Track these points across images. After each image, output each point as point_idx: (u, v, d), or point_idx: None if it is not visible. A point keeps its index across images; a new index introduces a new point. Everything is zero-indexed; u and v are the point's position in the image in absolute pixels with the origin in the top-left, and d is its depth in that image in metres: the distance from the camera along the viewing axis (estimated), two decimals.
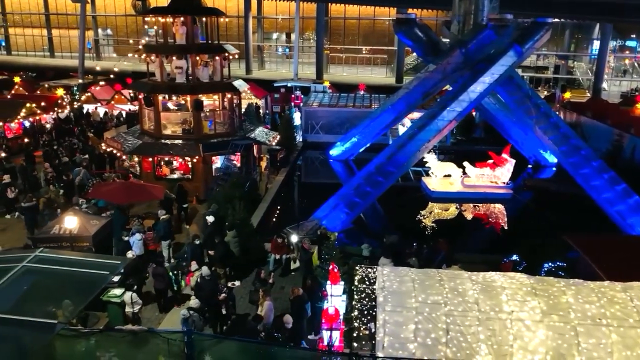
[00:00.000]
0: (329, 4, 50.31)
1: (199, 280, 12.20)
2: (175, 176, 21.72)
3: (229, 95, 22.44)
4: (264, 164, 24.70)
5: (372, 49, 54.52)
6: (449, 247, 15.20)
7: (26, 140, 25.05)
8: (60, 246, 12.64)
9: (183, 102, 23.09)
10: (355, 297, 10.86)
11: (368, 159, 28.39)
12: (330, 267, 11.72)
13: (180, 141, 21.57)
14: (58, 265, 8.97)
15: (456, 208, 22.33)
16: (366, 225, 20.44)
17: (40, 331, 7.15)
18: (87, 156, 23.35)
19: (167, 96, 22.31)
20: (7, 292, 8.09)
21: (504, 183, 22.46)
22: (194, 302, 11.20)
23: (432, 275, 11.08)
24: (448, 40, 26.31)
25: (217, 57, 22.06)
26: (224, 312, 11.77)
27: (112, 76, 37.53)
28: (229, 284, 12.62)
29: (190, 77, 21.82)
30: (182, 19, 21.28)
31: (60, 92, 32.49)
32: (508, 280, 10.82)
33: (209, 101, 22.54)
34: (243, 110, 27.21)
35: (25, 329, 7.21)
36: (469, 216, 22.08)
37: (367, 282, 11.52)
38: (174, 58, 21.48)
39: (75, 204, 17.17)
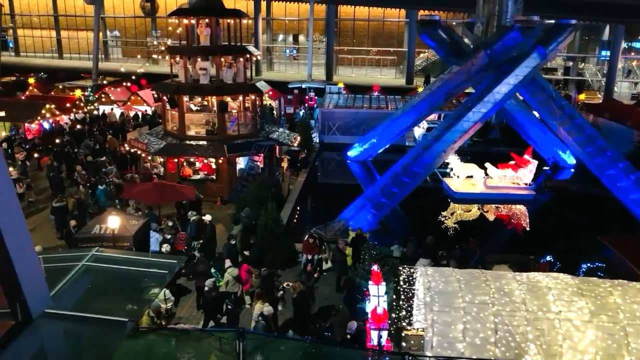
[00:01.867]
0: (338, 5, 50.46)
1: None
2: (198, 177, 21.85)
3: (252, 97, 22.56)
4: (284, 164, 24.79)
5: (381, 50, 54.64)
6: (480, 248, 15.30)
7: (57, 140, 25.16)
8: (101, 246, 12.70)
9: (205, 103, 23.23)
10: (402, 297, 10.97)
11: (385, 160, 28.71)
12: (373, 267, 11.79)
13: (204, 142, 21.68)
14: (116, 264, 9.05)
15: (478, 209, 22.41)
16: (389, 227, 20.53)
17: (113, 329, 7.24)
18: (104, 158, 23.46)
19: (190, 97, 22.42)
20: (72, 291, 8.18)
21: (525, 184, 22.54)
22: (267, 309, 11.29)
23: (477, 276, 11.18)
24: (468, 41, 26.35)
25: (240, 59, 22.18)
26: (280, 308, 11.85)
27: (133, 77, 37.53)
28: (285, 284, 12.72)
29: (214, 79, 21.96)
30: (206, 20, 21.40)
31: (78, 93, 32.61)
32: (553, 280, 10.92)
33: (232, 102, 22.64)
34: None
35: (98, 326, 7.30)
36: (491, 217, 22.17)
37: (411, 283, 11.65)
38: (199, 59, 21.60)
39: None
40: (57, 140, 25.13)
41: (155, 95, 29.74)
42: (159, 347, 9.21)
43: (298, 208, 21.37)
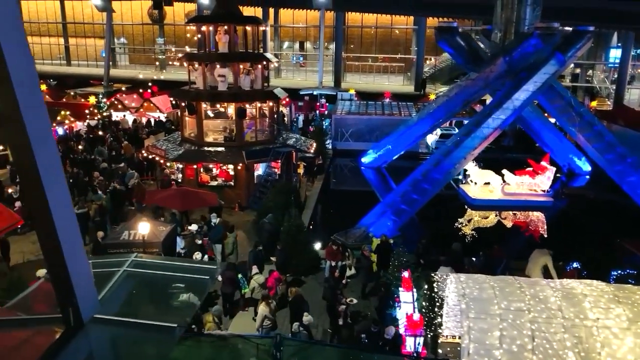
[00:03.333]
0: (346, 12, 50.73)
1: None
2: (216, 183, 21.90)
3: (270, 103, 22.66)
4: (300, 171, 24.84)
5: (388, 57, 54.86)
6: (505, 254, 15.28)
7: (80, 147, 25.31)
8: (130, 252, 12.72)
9: (222, 109, 23.33)
10: (438, 303, 10.95)
11: (398, 167, 28.74)
12: (404, 273, 11.80)
13: (222, 148, 21.75)
14: (156, 270, 9.08)
15: (495, 216, 22.38)
16: (407, 234, 20.50)
17: (163, 334, 7.24)
18: (122, 164, 23.53)
19: (208, 104, 22.52)
20: (116, 296, 8.19)
21: (543, 191, 22.52)
22: (306, 318, 11.30)
23: (510, 282, 11.16)
24: (483, 47, 26.41)
25: (258, 66, 22.30)
26: (340, 322, 11.72)
27: (150, 84, 37.74)
28: (348, 300, 12.67)
29: (231, 85, 22.06)
30: (225, 27, 21.54)
31: (92, 99, 32.79)
32: (588, 287, 10.87)
33: (250, 109, 22.74)
34: None
35: (148, 332, 7.30)
36: (510, 224, 22.13)
37: (442, 290, 11.63)
38: (218, 66, 21.72)
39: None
40: (80, 147, 25.27)
41: (173, 102, 29.85)
42: (198, 354, 9.20)
43: (316, 214, 21.37)
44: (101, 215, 17.77)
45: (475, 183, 22.68)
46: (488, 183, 22.86)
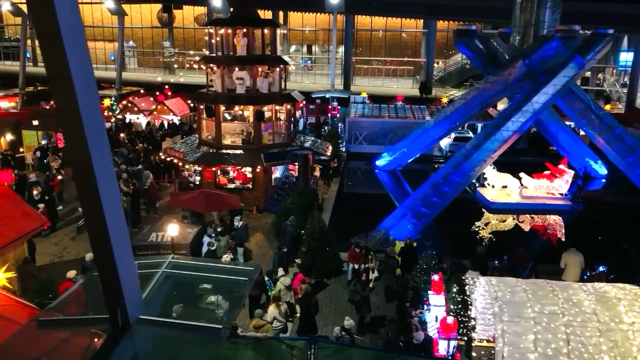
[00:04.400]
0: (356, 15, 50.87)
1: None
2: (234, 186, 21.94)
3: (288, 106, 22.72)
4: (317, 174, 24.86)
5: (397, 60, 54.91)
6: (530, 258, 15.23)
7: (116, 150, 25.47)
8: (158, 254, 12.79)
9: (240, 112, 23.41)
10: (471, 306, 10.92)
11: (411, 169, 28.73)
12: (434, 277, 11.78)
13: (240, 151, 21.81)
14: (193, 272, 9.10)
15: (513, 219, 22.31)
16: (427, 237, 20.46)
17: (208, 336, 7.26)
18: (140, 167, 23.62)
19: (227, 107, 22.60)
20: (158, 298, 8.22)
21: (560, 194, 22.45)
22: (347, 322, 11.31)
23: (542, 286, 11.13)
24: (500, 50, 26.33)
25: (276, 69, 22.37)
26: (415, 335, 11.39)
27: (167, 87, 37.80)
28: (418, 312, 12.53)
29: (249, 88, 22.13)
30: (244, 30, 21.64)
31: (107, 102, 32.96)
32: (621, 291, 10.83)
33: (268, 112, 22.80)
34: None
35: (193, 333, 7.32)
36: (528, 227, 22.06)
37: (472, 292, 11.60)
38: (236, 69, 21.80)
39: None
40: None
41: (191, 104, 29.96)
42: (234, 356, 9.21)
43: (335, 217, 21.36)
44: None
45: (493, 186, 22.63)
46: (505, 186, 22.81)
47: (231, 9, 43.81)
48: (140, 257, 12.87)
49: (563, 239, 21.00)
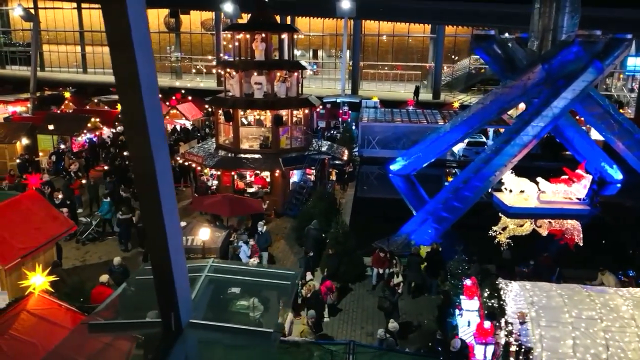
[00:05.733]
0: (363, 20, 51.08)
1: None
2: (252, 190, 21.97)
3: (306, 111, 22.79)
4: (333, 178, 24.90)
5: (405, 65, 55.08)
6: (554, 263, 15.22)
7: (125, 153, 25.61)
8: (189, 258, 12.78)
9: (257, 116, 23.48)
10: (507, 311, 10.92)
11: (426, 174, 28.74)
12: (466, 281, 11.76)
13: (258, 155, 21.86)
14: (235, 275, 9.13)
15: (530, 224, 22.30)
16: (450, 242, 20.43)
17: (259, 339, 7.27)
18: None
19: (245, 111, 22.67)
20: (204, 301, 8.24)
21: (578, 199, 22.44)
22: (392, 325, 11.33)
23: (578, 291, 11.12)
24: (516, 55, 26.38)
25: (294, 73, 22.46)
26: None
27: (182, 92, 37.86)
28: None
29: (267, 93, 22.21)
30: (262, 35, 21.73)
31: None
32: None
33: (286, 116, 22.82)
34: None
35: (243, 336, 7.33)
36: (544, 232, 22.03)
37: (505, 297, 11.59)
38: (255, 74, 21.88)
39: None
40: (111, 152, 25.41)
41: (209, 109, 30.05)
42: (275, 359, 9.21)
43: (354, 221, 21.34)
44: None
45: (511, 191, 22.63)
46: (523, 191, 22.80)
47: (242, 14, 44.20)
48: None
49: (581, 244, 21.01)
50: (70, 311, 9.18)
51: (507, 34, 30.57)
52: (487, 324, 10.31)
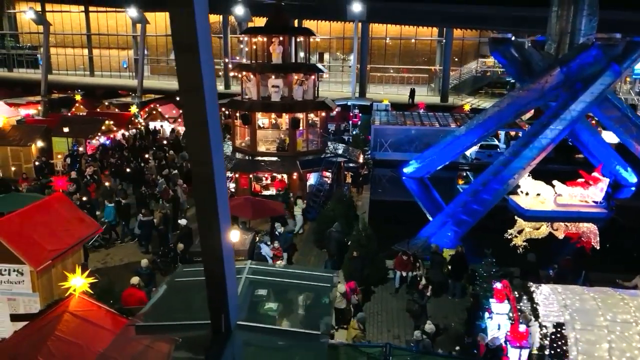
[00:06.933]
0: (371, 23, 51.20)
1: None
2: (268, 193, 22.02)
3: (323, 114, 22.85)
4: (349, 180, 24.93)
5: (412, 68, 55.14)
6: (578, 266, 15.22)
7: (147, 156, 25.80)
8: None
9: (274, 120, 23.55)
10: (539, 315, 10.90)
11: (439, 177, 28.74)
12: (496, 284, 11.76)
13: (275, 158, 21.91)
14: (274, 277, 9.16)
15: (547, 227, 22.28)
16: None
17: (307, 342, 7.30)
18: (176, 171, 23.74)
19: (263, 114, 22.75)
20: (246, 303, 8.27)
21: (594, 202, 22.44)
22: (429, 327, 11.33)
23: (611, 294, 11.14)
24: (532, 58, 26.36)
25: (311, 76, 22.54)
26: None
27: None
28: None
29: (284, 96, 22.27)
30: (280, 38, 21.82)
31: (134, 109, 33.18)
32: None
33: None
34: None
35: (292, 339, 7.36)
36: (560, 235, 22.01)
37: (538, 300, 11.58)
38: (272, 77, 21.96)
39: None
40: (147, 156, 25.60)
41: (226, 112, 30.15)
42: None
43: (371, 224, 21.35)
44: (165, 223, 17.91)
45: (527, 194, 22.63)
46: (539, 194, 22.80)
47: (252, 18, 44.37)
48: (199, 264, 12.98)
49: (598, 247, 20.98)
50: (109, 313, 9.21)
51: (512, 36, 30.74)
52: (522, 327, 10.31)
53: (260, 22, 43.45)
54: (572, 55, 21.83)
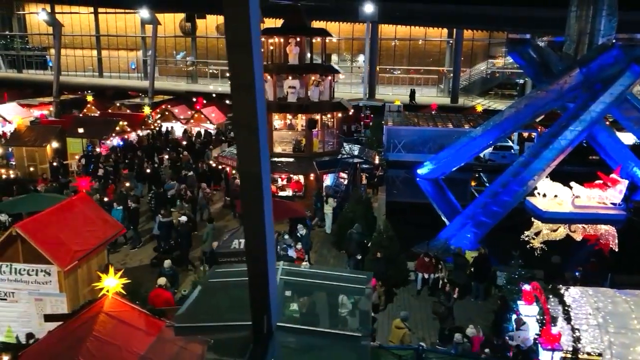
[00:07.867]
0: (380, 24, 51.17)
1: None
2: (285, 193, 21.97)
3: (338, 114, 22.80)
4: (364, 182, 24.86)
5: (421, 68, 55.05)
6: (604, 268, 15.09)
7: (166, 157, 25.86)
8: (240, 260, 12.74)
9: (289, 120, 23.53)
10: (572, 318, 10.80)
11: (452, 178, 28.61)
12: (525, 286, 11.66)
13: (291, 159, 21.87)
14: (308, 278, 9.09)
15: (564, 229, 22.13)
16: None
17: (349, 344, 7.23)
18: (191, 173, 23.76)
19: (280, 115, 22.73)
20: (283, 304, 8.21)
21: (613, 204, 22.27)
22: (470, 330, 11.31)
23: None
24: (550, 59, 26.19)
25: (327, 77, 22.49)
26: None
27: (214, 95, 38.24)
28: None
29: (301, 97, 22.23)
30: (297, 39, 21.80)
31: (147, 110, 33.27)
32: None
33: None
34: None
35: (332, 341, 7.29)
36: (578, 237, 21.85)
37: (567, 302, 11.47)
38: (289, 78, 21.93)
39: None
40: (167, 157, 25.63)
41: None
42: None
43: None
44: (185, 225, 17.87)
45: (544, 195, 22.48)
46: (556, 196, 22.65)
47: (264, 19, 44.31)
48: (223, 265, 12.94)
49: (616, 249, 20.80)
50: (142, 314, 9.18)
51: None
52: (554, 330, 10.20)
53: (270, 23, 43.48)
54: (592, 55, 21.68)
